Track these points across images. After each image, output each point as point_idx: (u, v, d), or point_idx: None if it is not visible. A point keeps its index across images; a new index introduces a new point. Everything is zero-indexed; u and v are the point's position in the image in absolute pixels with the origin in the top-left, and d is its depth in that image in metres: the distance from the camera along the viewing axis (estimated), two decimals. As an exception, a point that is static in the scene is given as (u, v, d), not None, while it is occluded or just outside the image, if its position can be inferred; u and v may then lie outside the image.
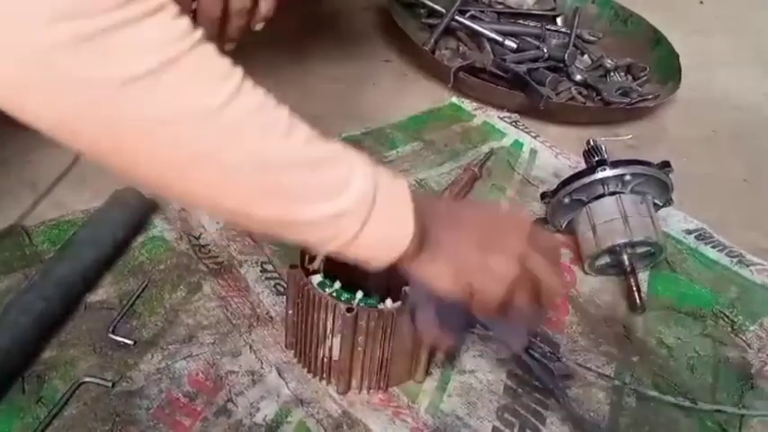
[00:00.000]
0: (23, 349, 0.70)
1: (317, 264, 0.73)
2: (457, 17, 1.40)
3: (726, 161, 1.21)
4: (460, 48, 1.39)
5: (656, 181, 0.91)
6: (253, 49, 1.31)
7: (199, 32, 0.46)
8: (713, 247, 0.99)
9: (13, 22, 0.40)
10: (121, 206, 0.86)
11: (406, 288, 0.72)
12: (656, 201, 0.93)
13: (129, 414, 0.68)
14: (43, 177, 0.95)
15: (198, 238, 0.88)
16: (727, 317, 0.89)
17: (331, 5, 1.54)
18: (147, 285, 0.81)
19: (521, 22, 1.48)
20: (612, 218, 0.89)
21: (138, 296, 0.80)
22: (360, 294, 0.71)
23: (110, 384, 0.70)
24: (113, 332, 0.75)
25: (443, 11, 1.41)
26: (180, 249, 0.87)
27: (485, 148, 1.14)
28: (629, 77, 1.36)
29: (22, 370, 0.70)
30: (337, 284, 0.71)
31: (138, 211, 0.87)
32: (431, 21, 1.43)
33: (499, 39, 1.37)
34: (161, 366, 0.73)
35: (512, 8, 1.52)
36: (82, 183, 0.95)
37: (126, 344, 0.74)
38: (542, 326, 0.83)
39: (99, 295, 0.79)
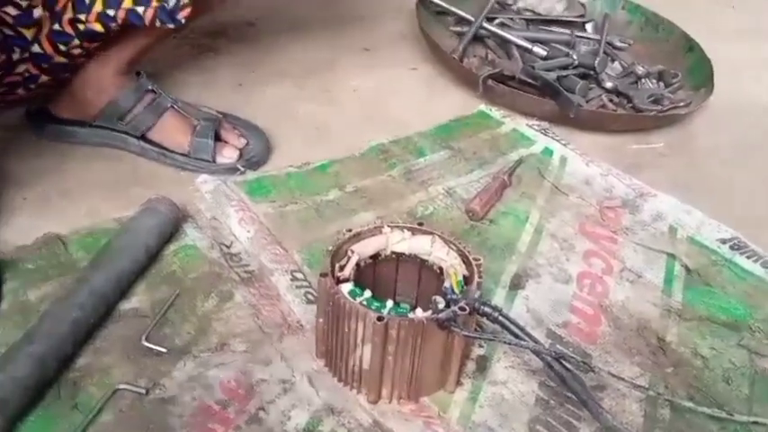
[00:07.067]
0: (59, 356, 0.71)
1: (347, 272, 0.73)
2: (485, 25, 1.40)
3: (760, 169, 1.19)
4: (489, 55, 1.38)
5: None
6: (281, 58, 1.33)
7: None
8: (748, 257, 0.97)
9: None
10: (154, 215, 0.87)
11: (436, 297, 0.72)
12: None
13: (162, 421, 0.68)
14: (78, 187, 0.97)
15: (229, 247, 0.89)
16: (763, 330, 0.87)
17: (358, 13, 1.54)
18: (179, 294, 0.82)
19: (550, 29, 1.47)
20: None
21: (170, 304, 0.80)
22: (390, 303, 0.71)
23: (144, 392, 0.70)
24: (147, 340, 0.76)
25: (472, 18, 1.41)
26: (211, 258, 0.87)
27: (513, 156, 1.13)
28: (661, 84, 1.35)
29: (57, 377, 0.71)
30: (368, 293, 0.71)
31: (171, 219, 0.88)
32: (459, 28, 1.43)
33: (528, 46, 1.36)
34: (194, 374, 0.73)
35: (541, 15, 1.52)
36: (116, 191, 0.97)
37: (159, 351, 0.75)
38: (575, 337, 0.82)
39: (132, 303, 0.80)
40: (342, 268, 0.73)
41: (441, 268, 0.76)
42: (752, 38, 1.62)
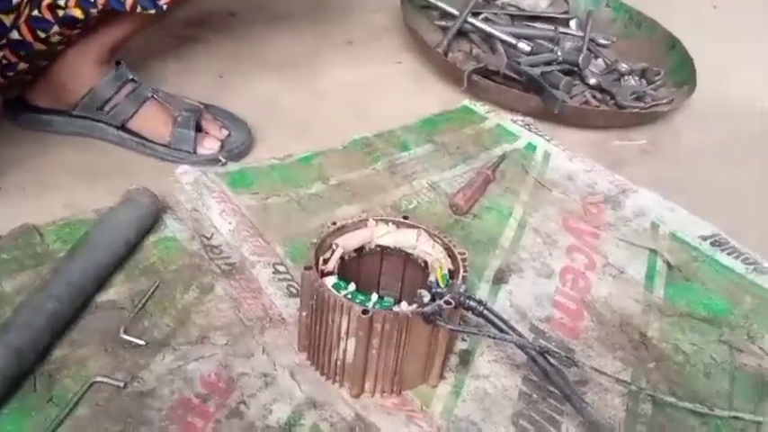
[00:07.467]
0: (35, 348, 0.69)
1: (331, 265, 0.72)
2: (470, 19, 1.39)
3: (741, 166, 1.20)
4: (473, 50, 1.38)
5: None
6: (263, 50, 1.32)
7: None
8: (729, 253, 0.97)
9: None
10: (133, 206, 0.85)
11: (421, 291, 0.71)
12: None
13: (140, 415, 0.67)
14: (55, 177, 0.95)
15: (210, 239, 0.88)
16: (743, 326, 0.87)
17: (342, 5, 1.53)
18: (158, 285, 0.80)
19: (534, 24, 1.47)
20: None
21: (149, 296, 0.79)
22: (375, 297, 0.70)
23: (121, 384, 0.69)
24: (125, 332, 0.74)
25: (456, 13, 1.41)
26: (192, 250, 0.86)
27: (497, 151, 1.13)
28: (644, 81, 1.36)
29: (33, 369, 0.69)
30: (352, 286, 0.70)
31: (150, 211, 0.87)
32: (443, 23, 1.43)
33: (513, 41, 1.36)
34: (173, 367, 0.72)
35: (525, 11, 1.52)
36: (94, 182, 0.95)
37: (137, 344, 0.74)
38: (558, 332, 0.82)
39: (110, 295, 0.79)
40: (326, 261, 0.73)
41: (426, 262, 0.76)
42: (733, 37, 1.63)
